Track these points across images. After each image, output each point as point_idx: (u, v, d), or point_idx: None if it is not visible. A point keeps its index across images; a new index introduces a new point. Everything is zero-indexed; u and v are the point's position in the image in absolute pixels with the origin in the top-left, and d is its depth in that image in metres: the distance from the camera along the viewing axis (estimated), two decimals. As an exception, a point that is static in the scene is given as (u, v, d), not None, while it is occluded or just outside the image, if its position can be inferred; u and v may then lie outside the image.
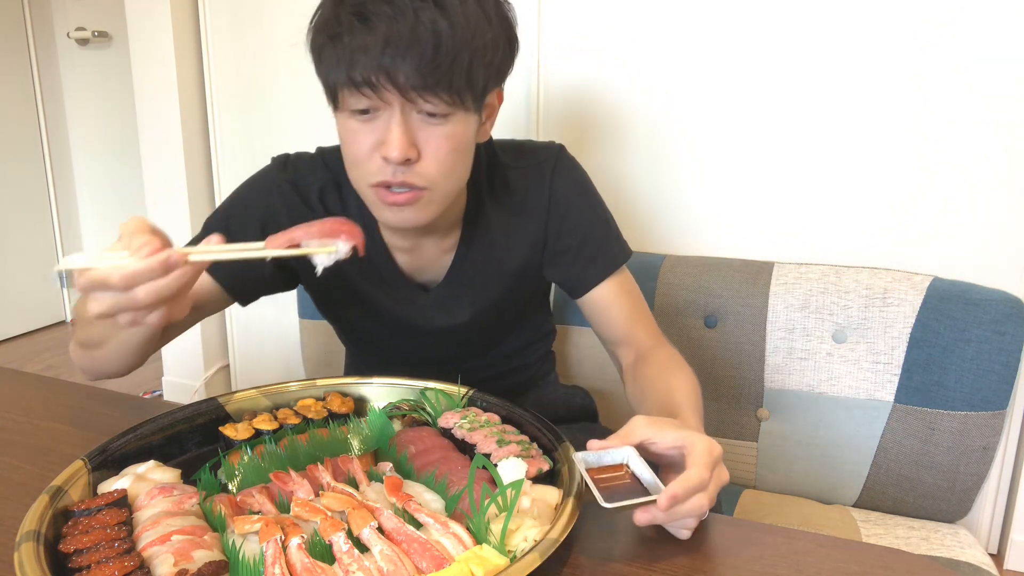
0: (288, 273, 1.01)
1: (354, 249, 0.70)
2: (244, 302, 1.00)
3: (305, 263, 0.96)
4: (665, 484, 0.63)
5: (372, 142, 0.78)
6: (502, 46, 0.80)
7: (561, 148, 1.00)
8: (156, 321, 0.66)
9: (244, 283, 0.97)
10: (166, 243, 0.64)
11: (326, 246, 0.69)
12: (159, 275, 0.62)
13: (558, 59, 1.62)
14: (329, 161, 0.97)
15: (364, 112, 0.78)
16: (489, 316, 1.02)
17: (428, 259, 0.98)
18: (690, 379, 0.88)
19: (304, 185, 0.96)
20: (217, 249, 0.67)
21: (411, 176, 0.79)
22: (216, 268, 0.93)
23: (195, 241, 0.90)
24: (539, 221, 0.97)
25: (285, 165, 0.98)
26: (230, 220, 0.96)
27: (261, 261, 0.91)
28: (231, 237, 0.90)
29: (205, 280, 0.93)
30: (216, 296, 0.96)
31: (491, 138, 0.98)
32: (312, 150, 1.02)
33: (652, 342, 0.98)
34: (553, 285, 1.18)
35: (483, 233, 0.97)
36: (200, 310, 0.96)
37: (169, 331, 0.93)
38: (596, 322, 1.01)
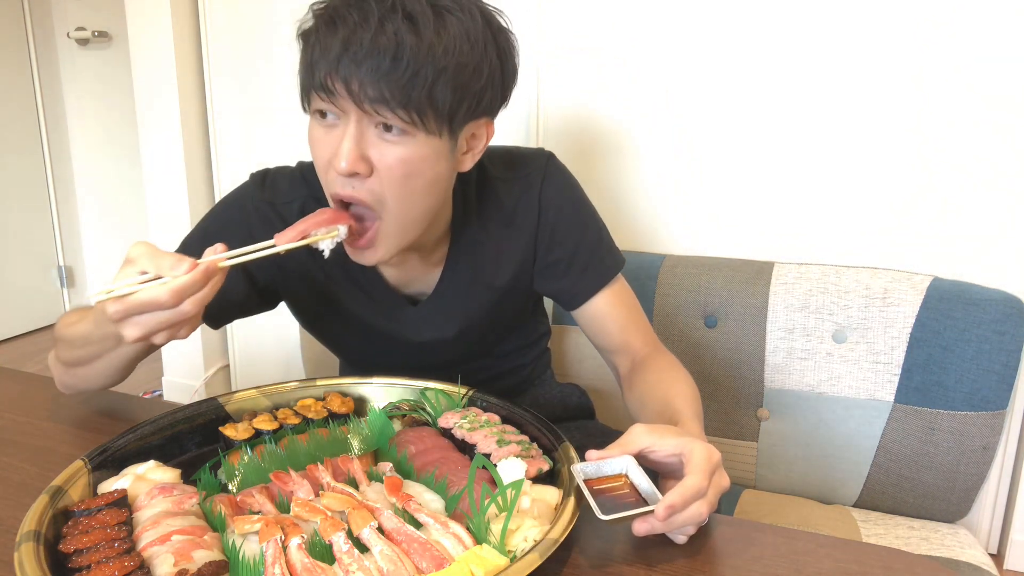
0: (267, 295, 0.99)
1: (349, 228, 0.78)
2: (215, 325, 0.97)
3: (287, 283, 0.98)
4: (665, 491, 0.63)
5: (330, 152, 0.76)
6: (487, 74, 0.76)
7: (550, 157, 0.97)
8: (187, 334, 0.70)
9: (217, 308, 0.92)
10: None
11: (331, 232, 0.77)
12: (202, 286, 0.67)
13: (558, 60, 1.62)
14: (308, 176, 0.94)
15: (324, 116, 0.76)
16: (479, 329, 1.01)
17: (415, 273, 0.96)
18: (688, 384, 0.88)
19: (284, 203, 0.93)
20: (239, 253, 0.71)
21: (361, 192, 0.76)
22: None
23: None
24: (529, 235, 0.95)
25: (263, 183, 0.95)
26: (208, 240, 0.91)
27: (235, 286, 0.92)
28: None
29: None
30: None
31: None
32: (293, 169, 0.98)
33: (649, 349, 0.97)
34: None
35: (472, 247, 0.95)
36: None
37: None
38: (591, 333, 1.00)
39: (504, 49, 0.79)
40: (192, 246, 0.92)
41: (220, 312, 0.95)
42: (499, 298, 0.99)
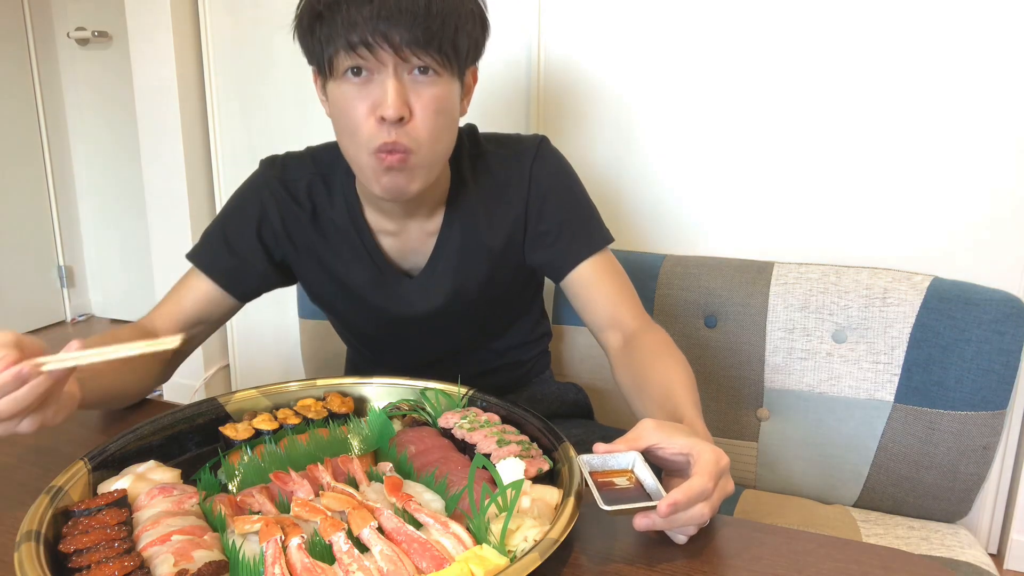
0: (284, 269, 1.05)
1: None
2: (243, 301, 1.03)
3: (298, 258, 1.02)
4: (668, 490, 0.62)
5: (368, 105, 0.82)
6: (479, 21, 0.86)
7: (543, 138, 1.02)
8: (29, 428, 0.69)
9: (241, 282, 1.01)
10: (29, 354, 0.66)
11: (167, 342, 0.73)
12: (14, 388, 0.65)
13: (558, 58, 1.62)
14: (317, 157, 1.03)
15: (357, 73, 0.82)
16: (471, 299, 1.03)
17: (413, 242, 1.01)
18: (684, 367, 0.87)
19: (292, 181, 1.01)
20: (72, 356, 0.68)
21: (402, 136, 0.83)
22: (212, 269, 0.99)
23: (196, 252, 1.00)
24: (519, 205, 0.99)
25: (273, 164, 1.03)
26: (227, 226, 1.01)
27: (255, 259, 1.00)
28: (229, 242, 0.99)
29: (205, 286, 0.99)
30: (216, 298, 1.00)
31: (476, 129, 1.03)
32: (302, 152, 1.05)
33: (639, 324, 0.96)
34: (544, 287, 1.20)
35: (465, 215, 0.99)
36: (207, 322, 1.02)
37: (177, 356, 0.99)
38: (580, 306, 1.00)
39: (480, 1, 0.88)
40: (211, 235, 1.01)
41: (244, 287, 1.02)
42: (491, 264, 1.02)
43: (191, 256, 1.01)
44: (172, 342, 0.70)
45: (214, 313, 1.01)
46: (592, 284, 0.98)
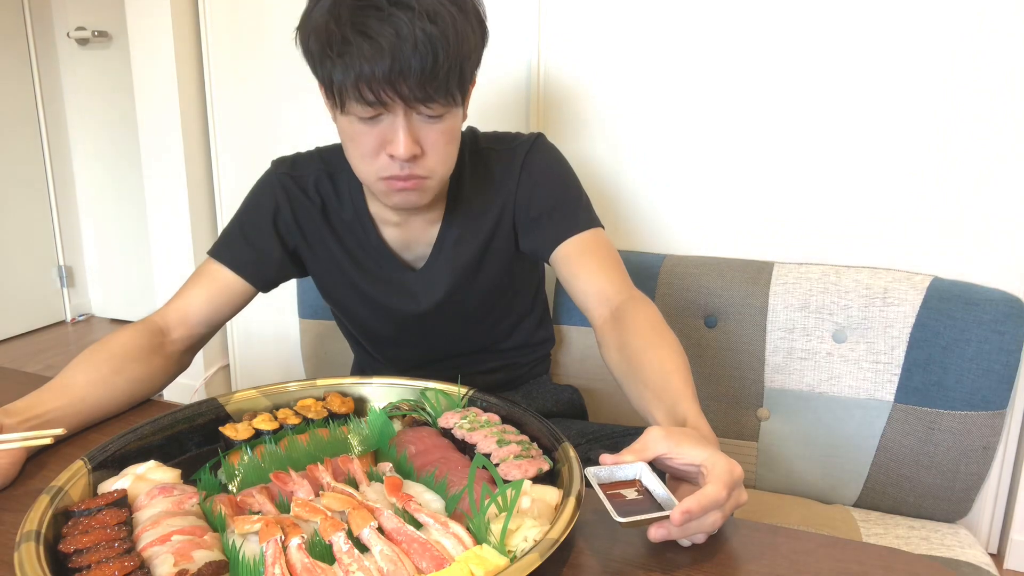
0: (297, 258, 1.09)
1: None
2: (266, 289, 1.08)
3: (309, 249, 1.07)
4: (676, 496, 0.62)
5: (378, 142, 0.86)
6: (480, 44, 0.89)
7: (539, 135, 1.06)
8: None
9: (261, 269, 1.05)
10: None
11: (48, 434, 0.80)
12: None
13: (557, 58, 1.62)
14: (325, 156, 1.08)
15: (370, 119, 0.85)
16: (470, 290, 1.06)
17: (415, 232, 1.05)
18: (678, 350, 0.84)
19: (301, 176, 1.06)
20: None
21: (416, 169, 0.88)
22: (235, 262, 1.03)
23: (217, 248, 1.05)
24: (511, 192, 1.03)
25: (283, 161, 1.09)
26: (244, 222, 1.06)
27: (272, 249, 1.05)
28: (247, 236, 1.05)
29: (228, 279, 1.03)
30: (238, 289, 1.04)
31: (476, 131, 1.08)
32: (311, 150, 1.10)
33: (625, 296, 0.94)
34: (545, 284, 1.22)
35: (464, 206, 1.04)
36: (226, 313, 1.05)
37: (190, 350, 1.04)
38: (567, 282, 1.00)
39: (481, 14, 0.89)
40: (230, 232, 1.07)
41: (265, 277, 1.06)
42: (486, 253, 1.05)
43: (213, 252, 1.05)
44: (48, 436, 0.78)
45: (234, 304, 1.05)
46: (576, 259, 0.99)
